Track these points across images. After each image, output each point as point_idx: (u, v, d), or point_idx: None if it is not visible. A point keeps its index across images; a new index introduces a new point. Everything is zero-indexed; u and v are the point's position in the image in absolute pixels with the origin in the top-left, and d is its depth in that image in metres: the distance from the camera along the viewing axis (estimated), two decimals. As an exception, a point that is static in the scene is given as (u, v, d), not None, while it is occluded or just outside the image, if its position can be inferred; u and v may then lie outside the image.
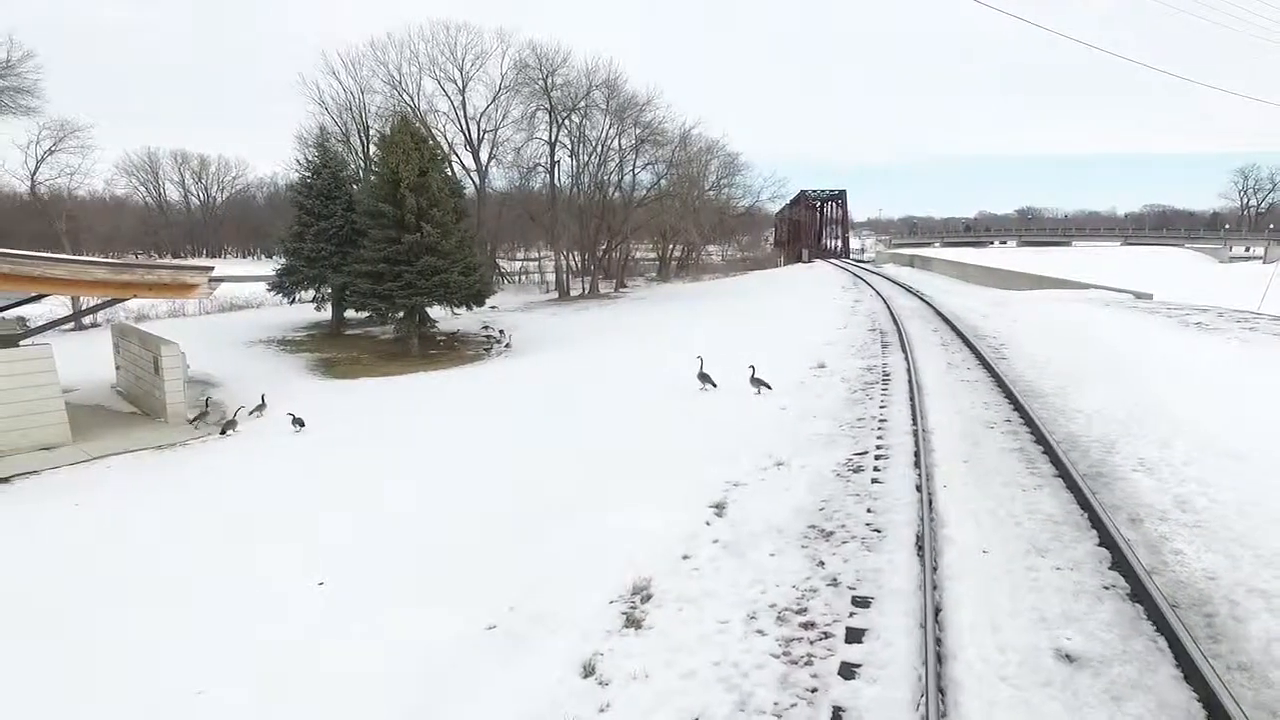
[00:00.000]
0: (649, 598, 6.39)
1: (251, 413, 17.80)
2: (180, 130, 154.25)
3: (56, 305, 27.82)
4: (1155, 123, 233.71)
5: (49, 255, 16.25)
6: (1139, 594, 5.53)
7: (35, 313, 25.90)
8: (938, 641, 5.05)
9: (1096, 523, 6.81)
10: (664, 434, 12.65)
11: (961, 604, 5.54)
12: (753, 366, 15.16)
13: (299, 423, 16.53)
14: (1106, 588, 5.76)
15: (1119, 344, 15.89)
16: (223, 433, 16.44)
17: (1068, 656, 4.90)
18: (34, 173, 35.36)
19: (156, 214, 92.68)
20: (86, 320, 31.81)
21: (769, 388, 14.72)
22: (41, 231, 38.08)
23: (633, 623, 5.97)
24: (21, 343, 15.84)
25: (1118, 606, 5.47)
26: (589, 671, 5.37)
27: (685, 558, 7.15)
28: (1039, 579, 5.95)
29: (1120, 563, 6.02)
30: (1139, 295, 25.42)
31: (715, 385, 15.67)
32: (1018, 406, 11.29)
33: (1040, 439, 9.60)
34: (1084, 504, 7.31)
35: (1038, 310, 22.75)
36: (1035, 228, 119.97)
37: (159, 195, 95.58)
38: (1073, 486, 7.79)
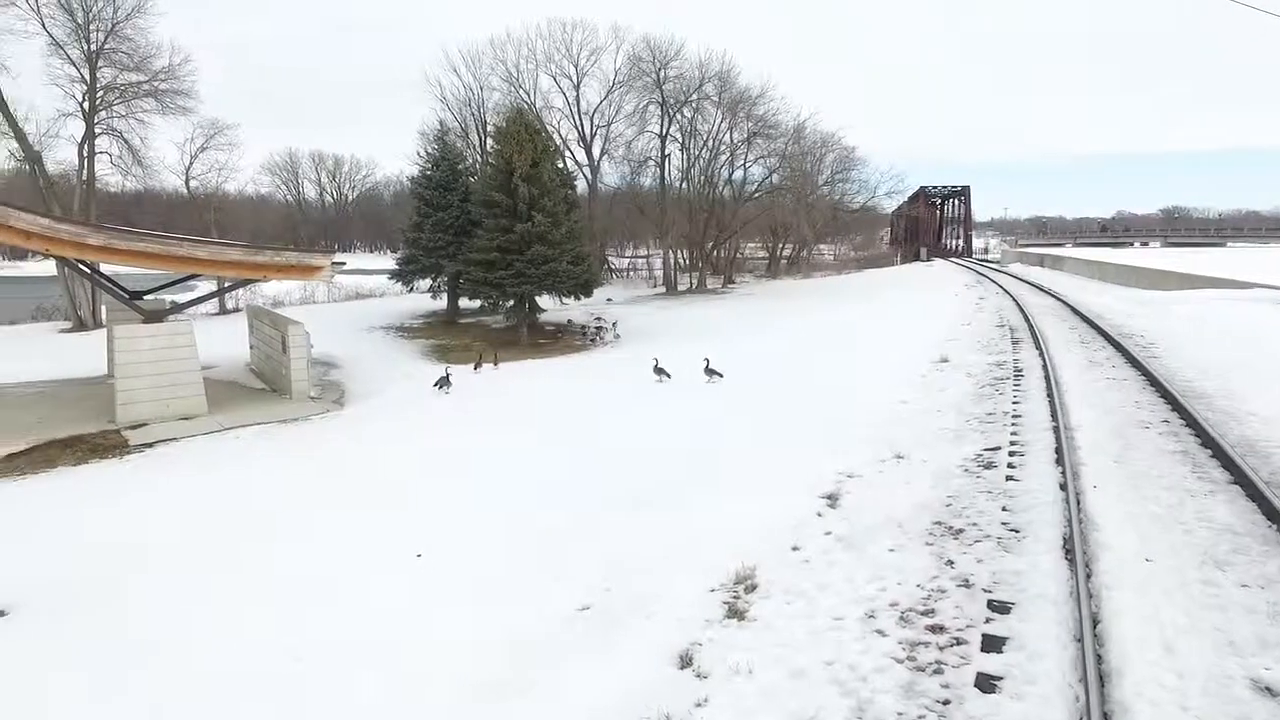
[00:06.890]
0: (754, 587, 5.89)
1: (477, 368, 20.71)
2: (316, 131, 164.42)
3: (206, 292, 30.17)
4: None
5: (194, 238, 17.39)
6: (1357, 621, 4.57)
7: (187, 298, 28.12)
8: (1098, 658, 4.29)
9: (1291, 536, 5.76)
10: (774, 424, 12.05)
11: (1124, 616, 4.70)
12: (707, 359, 16.59)
13: (495, 362, 21.48)
14: (1311, 611, 4.80)
15: (1299, 345, 13.95)
16: (436, 385, 17.96)
17: (1269, 690, 4.04)
18: (188, 168, 38.44)
19: (295, 210, 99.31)
20: (230, 305, 34.34)
21: (720, 376, 16.25)
22: (194, 225, 41.33)
23: (735, 613, 5.49)
24: (166, 319, 17.01)
25: (1329, 635, 4.52)
26: (686, 661, 4.93)
27: (795, 548, 6.60)
28: (1221, 595, 5.03)
29: (1327, 583, 5.02)
30: (1318, 295, 22.41)
31: (670, 376, 17.12)
32: (1176, 406, 9.99)
33: (1208, 441, 8.41)
34: (1271, 514, 6.23)
35: (1193, 309, 20.43)
36: (1183, 228, 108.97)
37: (298, 193, 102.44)
38: (1255, 495, 6.68)
